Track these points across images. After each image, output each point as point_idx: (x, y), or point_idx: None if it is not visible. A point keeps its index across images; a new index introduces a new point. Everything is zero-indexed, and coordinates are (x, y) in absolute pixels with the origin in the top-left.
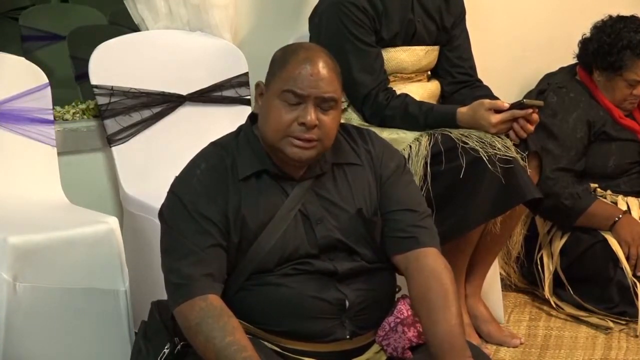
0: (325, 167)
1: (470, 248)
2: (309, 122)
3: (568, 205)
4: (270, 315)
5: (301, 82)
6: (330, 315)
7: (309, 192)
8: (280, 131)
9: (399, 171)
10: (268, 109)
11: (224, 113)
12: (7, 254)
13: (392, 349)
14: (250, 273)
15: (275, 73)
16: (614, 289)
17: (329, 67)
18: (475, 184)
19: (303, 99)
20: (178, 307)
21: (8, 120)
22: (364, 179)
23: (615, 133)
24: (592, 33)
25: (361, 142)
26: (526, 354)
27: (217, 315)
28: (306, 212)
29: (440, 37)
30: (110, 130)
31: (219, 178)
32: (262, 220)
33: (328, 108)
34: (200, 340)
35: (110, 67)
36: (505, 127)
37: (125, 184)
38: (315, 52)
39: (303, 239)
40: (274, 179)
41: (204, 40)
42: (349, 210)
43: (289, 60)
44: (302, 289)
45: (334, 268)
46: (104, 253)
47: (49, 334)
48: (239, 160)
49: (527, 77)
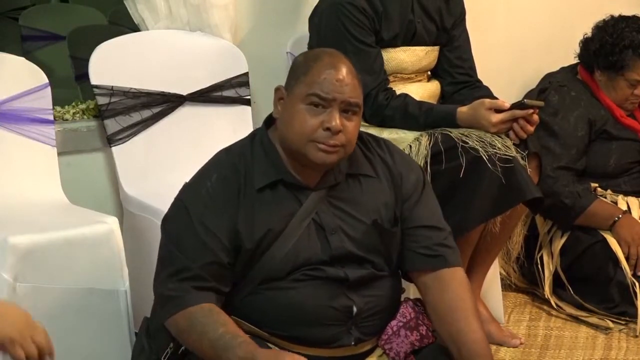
0: (339, 177)
1: (470, 248)
2: (334, 128)
3: (568, 204)
4: (277, 320)
5: (327, 86)
6: (337, 322)
7: (323, 201)
8: (305, 136)
9: (420, 185)
10: (291, 113)
11: (224, 113)
12: (7, 254)
13: (395, 354)
14: (260, 280)
15: (299, 77)
16: (614, 289)
17: (352, 74)
18: (475, 183)
19: (328, 103)
20: (170, 317)
21: (8, 120)
22: (380, 191)
23: (616, 132)
24: (593, 33)
25: (377, 152)
26: (526, 354)
27: (207, 314)
28: (320, 222)
29: (440, 38)
30: (110, 130)
31: (231, 191)
32: (275, 229)
33: (352, 114)
34: (194, 339)
35: (110, 67)
36: (505, 126)
37: (126, 184)
38: (339, 57)
39: (316, 249)
40: (288, 188)
41: (204, 40)
42: (365, 221)
43: (312, 65)
44: (312, 295)
45: (345, 275)
46: (104, 253)
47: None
48: (254, 168)
49: (528, 77)
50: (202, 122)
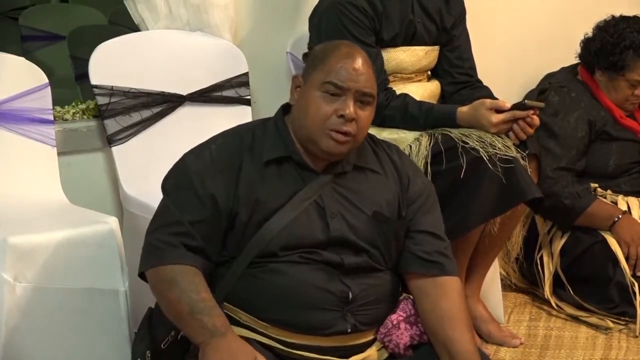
0: (347, 167)
1: (470, 248)
2: (348, 115)
3: (568, 205)
4: (272, 304)
5: (343, 75)
6: (332, 306)
7: (327, 186)
8: (319, 122)
9: (426, 192)
10: (307, 100)
11: (224, 113)
12: (7, 254)
13: (394, 345)
14: (255, 256)
15: (317, 66)
16: (614, 289)
17: (368, 65)
18: (475, 183)
19: (343, 91)
20: (154, 268)
21: (8, 120)
22: (385, 187)
23: (616, 133)
24: (594, 33)
25: (387, 152)
26: (526, 354)
27: (193, 278)
28: (322, 204)
29: (440, 38)
30: (110, 130)
31: (233, 155)
32: (275, 204)
33: (366, 103)
34: (174, 294)
35: (110, 67)
36: (505, 127)
37: (125, 184)
38: (356, 49)
39: (314, 229)
40: (295, 167)
41: (203, 40)
42: (366, 212)
43: (330, 55)
44: (307, 278)
45: (340, 260)
46: (104, 253)
47: (49, 334)
48: (264, 142)
49: (528, 78)
50: (202, 122)
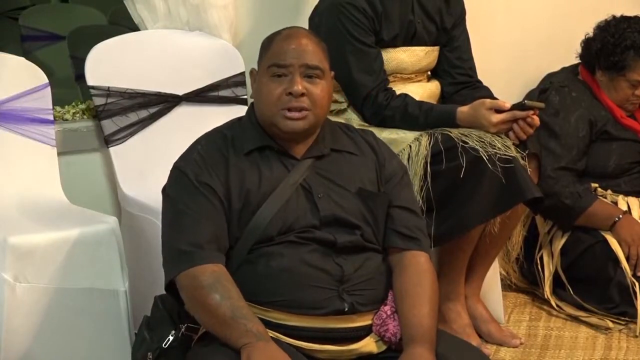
0: (324, 150)
1: (470, 247)
2: (296, 91)
3: (568, 205)
4: (270, 285)
5: (284, 54)
6: (327, 285)
7: (310, 170)
8: (272, 104)
9: (402, 171)
10: (259, 87)
11: (221, 113)
12: (7, 254)
13: (392, 334)
14: (252, 243)
15: (263, 55)
16: (614, 289)
17: (312, 42)
18: (475, 183)
19: (288, 69)
20: (186, 271)
21: (8, 120)
22: (364, 166)
23: (616, 133)
24: (595, 33)
25: (361, 135)
26: (526, 354)
27: (230, 281)
28: (309, 186)
29: (440, 38)
30: (107, 130)
31: (219, 150)
32: (264, 191)
33: (314, 76)
34: (214, 298)
35: (106, 68)
36: (505, 127)
37: (123, 184)
38: (299, 30)
39: (305, 211)
40: (276, 155)
41: (199, 40)
42: (350, 189)
43: (273, 40)
44: (302, 258)
45: (333, 239)
46: (104, 253)
47: (49, 334)
48: (242, 135)
49: (528, 78)
50: (198, 121)
